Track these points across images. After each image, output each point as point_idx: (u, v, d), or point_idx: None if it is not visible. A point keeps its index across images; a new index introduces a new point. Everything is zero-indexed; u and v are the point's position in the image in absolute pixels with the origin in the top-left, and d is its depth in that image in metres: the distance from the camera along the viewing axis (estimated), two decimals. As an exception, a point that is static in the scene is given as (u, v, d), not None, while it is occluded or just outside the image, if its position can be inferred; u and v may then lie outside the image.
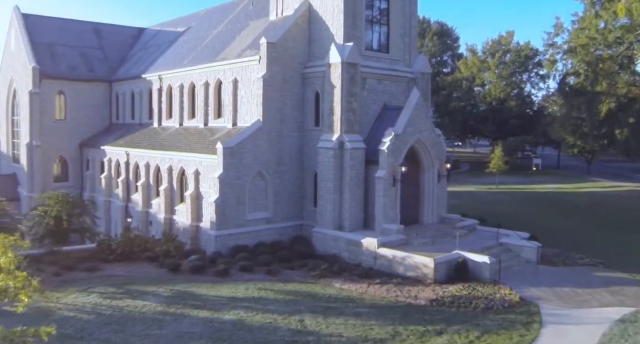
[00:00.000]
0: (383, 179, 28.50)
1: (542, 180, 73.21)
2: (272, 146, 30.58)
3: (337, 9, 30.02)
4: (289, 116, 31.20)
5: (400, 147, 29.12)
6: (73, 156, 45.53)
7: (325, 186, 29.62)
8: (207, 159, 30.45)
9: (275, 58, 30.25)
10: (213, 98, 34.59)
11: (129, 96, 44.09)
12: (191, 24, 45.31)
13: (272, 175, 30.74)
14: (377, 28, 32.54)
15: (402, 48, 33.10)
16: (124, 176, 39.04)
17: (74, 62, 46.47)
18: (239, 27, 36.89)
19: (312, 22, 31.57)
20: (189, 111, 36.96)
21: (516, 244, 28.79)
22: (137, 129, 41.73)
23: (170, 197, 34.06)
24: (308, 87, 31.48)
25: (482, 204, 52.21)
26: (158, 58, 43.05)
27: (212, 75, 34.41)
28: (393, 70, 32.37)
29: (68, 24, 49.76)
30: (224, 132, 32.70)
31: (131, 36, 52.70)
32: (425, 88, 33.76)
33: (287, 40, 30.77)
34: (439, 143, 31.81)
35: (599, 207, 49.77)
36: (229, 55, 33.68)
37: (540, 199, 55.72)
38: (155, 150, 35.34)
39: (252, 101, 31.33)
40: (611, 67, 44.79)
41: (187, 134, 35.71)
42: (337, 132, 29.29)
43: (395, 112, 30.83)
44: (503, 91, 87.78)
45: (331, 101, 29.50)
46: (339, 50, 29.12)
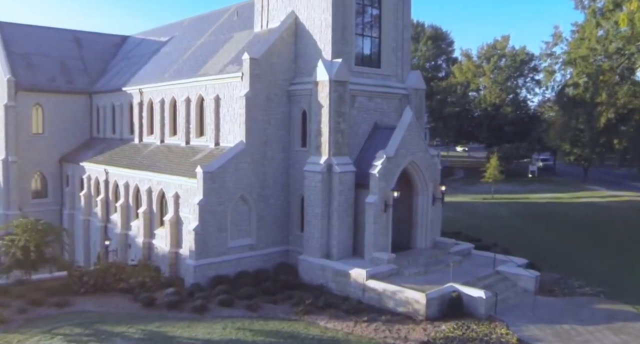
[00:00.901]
0: (373, 204, 26.77)
1: (538, 188, 71.64)
2: (256, 168, 28.80)
3: (324, 23, 28.25)
4: (274, 135, 29.42)
5: (392, 170, 27.40)
6: (52, 171, 43.57)
7: (312, 211, 27.86)
8: (186, 182, 28.65)
9: (259, 75, 28.47)
10: (195, 115, 32.78)
11: (109, 109, 42.20)
12: (175, 33, 43.45)
13: (255, 199, 28.96)
14: (368, 41, 30.82)
15: (394, 62, 31.38)
16: (103, 194, 37.17)
17: (52, 72, 44.47)
18: (222, 39, 35.07)
19: (298, 36, 29.79)
20: (170, 128, 35.13)
21: (513, 273, 27.19)
22: (118, 145, 39.85)
23: (149, 220, 32.25)
24: (294, 105, 29.72)
25: (477, 218, 50.64)
26: (139, 69, 41.18)
27: (194, 91, 32.61)
28: (384, 86, 30.63)
29: (46, 32, 47.72)
30: (205, 152, 30.90)
31: (113, 44, 50.73)
32: (419, 104, 32.05)
33: (271, 55, 28.98)
34: (433, 164, 30.13)
35: (597, 222, 48.19)
36: (210, 69, 31.87)
37: (536, 211, 54.11)
38: (135, 169, 33.49)
39: (234, 120, 29.54)
40: (611, 78, 43.25)
41: (168, 152, 33.89)
42: (325, 154, 27.53)
43: (387, 132, 29.11)
44: (498, 97, 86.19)
45: (318, 121, 27.73)
46: (327, 67, 27.35)
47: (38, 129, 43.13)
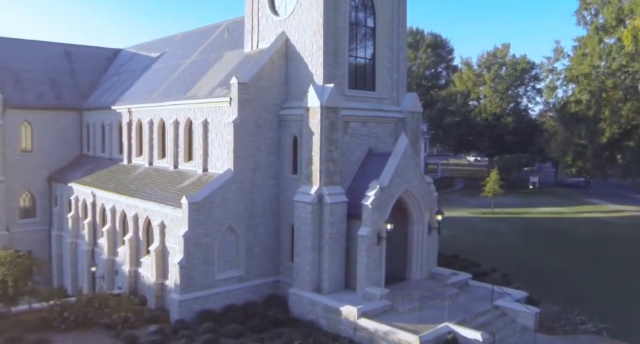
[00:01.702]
0: (366, 237, 25.62)
1: (539, 201, 70.61)
2: (244, 196, 27.67)
3: (316, 46, 27.13)
4: (263, 162, 28.30)
5: (385, 200, 26.25)
6: (40, 190, 42.48)
7: (302, 243, 26.72)
8: (172, 212, 27.54)
9: (248, 99, 27.35)
10: (183, 138, 31.68)
11: (99, 126, 41.12)
12: (166, 49, 42.35)
13: (244, 229, 27.83)
14: (362, 63, 29.69)
15: (389, 85, 30.25)
16: (90, 218, 36.09)
17: (41, 88, 43.41)
18: (213, 58, 33.98)
19: (289, 58, 28.68)
20: (159, 150, 34.05)
21: (512, 308, 26.01)
22: (107, 164, 38.76)
23: (135, 247, 31.13)
24: (285, 131, 28.60)
25: (476, 236, 49.54)
26: (130, 87, 40.10)
27: (182, 114, 31.52)
28: (379, 110, 29.51)
29: (36, 46, 46.63)
30: (193, 178, 29.79)
31: (104, 58, 49.65)
32: (415, 128, 30.91)
33: (260, 79, 27.87)
34: (430, 192, 28.97)
35: (600, 241, 47.11)
36: (199, 92, 30.77)
37: (537, 228, 53.03)
38: (121, 194, 32.39)
39: (222, 146, 28.42)
40: (615, 96, 42.10)
41: (156, 175, 32.79)
42: (316, 184, 26.39)
43: (381, 159, 27.97)
44: (498, 106, 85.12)
45: (309, 148, 26.60)
46: (318, 92, 26.22)
47: (26, 147, 42.07)
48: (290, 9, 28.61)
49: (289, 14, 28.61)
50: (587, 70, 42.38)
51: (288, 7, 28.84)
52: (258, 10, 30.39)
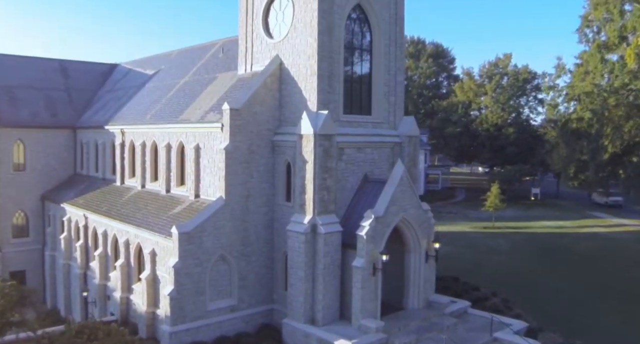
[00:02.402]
0: (361, 268, 24.93)
1: (541, 214, 69.82)
2: (236, 225, 27.02)
3: (309, 70, 26.51)
4: (256, 189, 27.65)
5: (381, 230, 25.56)
6: (33, 209, 41.91)
7: (295, 273, 26.05)
8: (163, 241, 26.89)
9: (240, 126, 26.73)
10: (175, 162, 31.08)
11: (92, 145, 40.55)
12: (161, 66, 41.78)
13: (236, 257, 27.18)
14: (358, 87, 29.03)
15: (386, 108, 29.62)
16: (82, 240, 35.50)
17: (36, 106, 42.86)
18: (206, 79, 33.38)
19: (283, 82, 28.07)
20: (151, 173, 33.45)
21: (512, 341, 25.25)
22: (100, 185, 38.19)
23: (127, 273, 30.49)
24: (278, 157, 27.96)
25: (477, 254, 48.75)
26: (123, 105, 39.54)
27: (174, 137, 30.92)
28: (375, 135, 28.87)
29: (31, 62, 46.10)
30: (184, 204, 29.16)
31: (101, 73, 49.12)
32: (412, 153, 30.25)
33: (253, 104, 27.25)
34: (427, 220, 28.24)
35: (602, 259, 46.27)
36: (191, 115, 30.17)
37: (538, 245, 52.21)
38: (113, 219, 31.77)
39: (214, 172, 27.80)
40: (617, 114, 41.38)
41: (148, 199, 32.17)
42: (309, 213, 25.73)
43: (377, 186, 27.33)
44: (500, 117, 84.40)
45: (302, 176, 25.97)
46: (311, 119, 25.59)
47: (19, 166, 41.51)
48: (284, 32, 28.02)
49: (283, 37, 28.02)
50: (589, 88, 41.72)
51: (282, 30, 28.24)
52: (252, 32, 29.80)
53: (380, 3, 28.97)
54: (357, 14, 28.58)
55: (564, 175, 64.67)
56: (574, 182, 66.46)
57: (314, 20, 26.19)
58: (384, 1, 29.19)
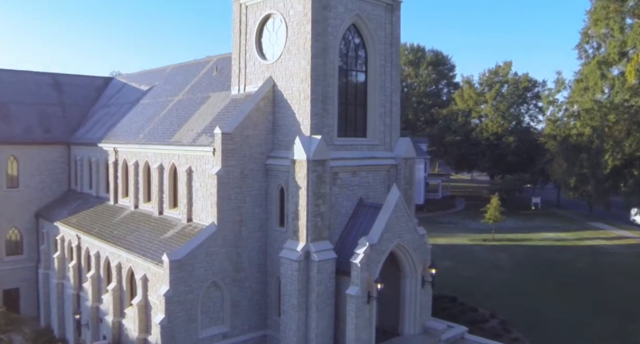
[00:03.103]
0: (355, 297, 24.44)
1: (541, 225, 69.26)
2: (229, 251, 26.55)
3: (303, 94, 26.04)
4: (249, 213, 27.18)
5: (376, 258, 25.08)
6: (27, 226, 41.43)
7: (288, 301, 25.56)
8: (154, 267, 26.41)
9: (232, 150, 26.26)
10: (168, 184, 30.62)
11: (86, 162, 40.09)
12: (155, 82, 41.33)
13: (229, 284, 26.69)
14: (353, 108, 28.55)
15: (381, 130, 29.14)
16: (75, 261, 35.03)
17: (30, 122, 42.41)
18: (200, 98, 32.93)
19: (276, 105, 27.61)
20: (144, 193, 32.97)
21: (510, 371, 24.74)
22: (93, 203, 37.74)
23: (119, 297, 30.01)
24: (271, 181, 27.49)
25: (476, 269, 48.25)
26: (117, 122, 39.08)
27: (167, 159, 30.47)
28: (370, 158, 28.38)
29: (25, 76, 45.57)
30: (177, 228, 28.69)
31: (95, 88, 48.66)
32: (409, 175, 29.77)
33: (246, 127, 26.79)
34: (423, 244, 27.76)
35: (602, 276, 45.71)
36: (183, 137, 29.71)
37: (538, 259, 51.71)
38: (105, 241, 31.32)
39: (206, 197, 27.33)
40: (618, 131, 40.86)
41: (140, 221, 31.71)
42: (302, 240, 25.26)
43: (372, 211, 26.87)
44: (500, 126, 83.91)
45: (295, 202, 25.49)
46: (304, 145, 25.12)
47: (13, 183, 41.02)
48: (277, 53, 27.56)
49: (276, 59, 27.56)
50: (589, 105, 41.23)
51: (275, 52, 27.79)
52: (245, 53, 29.35)
53: (375, 23, 28.53)
54: (351, 34, 28.15)
55: (564, 186, 64.24)
56: (574, 193, 66.17)
57: (307, 43, 25.73)
58: (379, 21, 28.74)
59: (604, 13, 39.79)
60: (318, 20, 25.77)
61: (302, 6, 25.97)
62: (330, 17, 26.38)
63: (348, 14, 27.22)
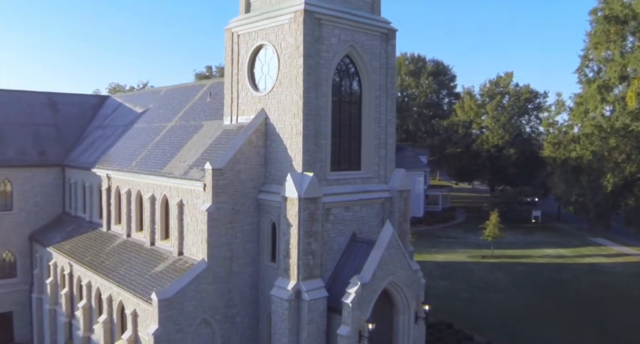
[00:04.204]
0: (346, 337, 24.01)
1: (541, 240, 68.80)
2: (220, 287, 26.15)
3: (295, 129, 25.64)
4: (240, 249, 26.78)
5: (367, 297, 24.65)
6: (21, 249, 41.12)
7: (279, 340, 25.14)
8: (143, 304, 26.05)
9: (223, 186, 25.88)
10: (159, 215, 30.27)
11: (80, 186, 39.77)
12: (149, 105, 40.99)
13: (219, 320, 26.29)
14: (346, 141, 28.11)
15: (376, 162, 28.73)
16: (67, 288, 34.76)
17: (24, 144, 42.06)
18: (192, 126, 32.58)
19: (268, 138, 27.22)
20: (137, 222, 32.62)
21: None
22: (87, 228, 37.44)
23: (109, 330, 29.69)
24: (263, 215, 27.09)
25: (473, 290, 47.84)
26: (111, 146, 38.75)
27: (158, 190, 30.12)
28: (364, 192, 27.94)
29: (20, 96, 45.21)
30: (168, 262, 28.33)
31: (91, 106, 48.35)
32: (404, 208, 29.34)
33: (237, 162, 26.40)
34: (417, 280, 27.36)
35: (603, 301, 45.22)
36: (175, 168, 29.35)
37: (537, 279, 51.28)
38: (96, 272, 30.98)
39: (197, 232, 26.97)
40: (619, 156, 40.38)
41: (132, 251, 31.37)
42: (294, 278, 24.85)
43: (365, 247, 26.45)
44: (501, 138, 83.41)
45: (287, 240, 25.09)
46: (296, 182, 24.71)
47: (7, 206, 40.72)
48: (269, 85, 27.17)
49: (268, 91, 27.17)
50: (589, 130, 40.79)
51: (268, 84, 27.41)
52: (238, 83, 28.98)
53: (370, 53, 28.14)
54: (345, 65, 27.75)
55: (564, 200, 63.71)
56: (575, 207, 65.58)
57: (299, 77, 25.32)
58: (374, 51, 28.35)
59: (604, 37, 39.33)
60: (310, 54, 25.36)
61: (294, 39, 25.58)
62: (323, 50, 25.98)
63: (342, 45, 26.82)
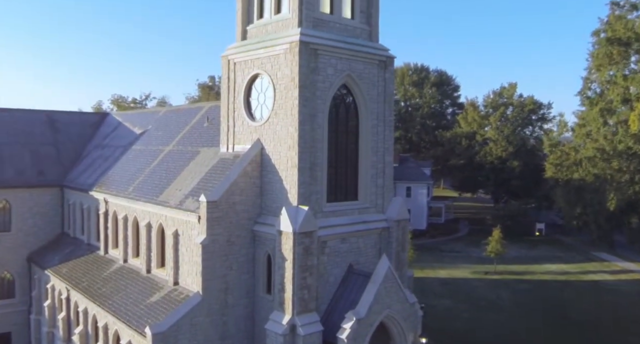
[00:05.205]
0: (342, 373, 23.76)
1: (544, 255, 68.26)
2: (214, 320, 25.92)
3: (290, 162, 25.38)
4: (236, 280, 26.54)
5: (363, 331, 24.41)
6: (20, 270, 41.03)
7: (274, 376, 24.89)
8: (138, 337, 25.85)
9: (218, 218, 25.65)
10: (155, 243, 30.08)
11: (78, 208, 39.68)
12: (148, 126, 40.85)
13: (214, 354, 26.05)
14: (343, 171, 27.84)
15: (373, 191, 28.44)
16: (64, 313, 34.63)
17: (23, 164, 41.97)
18: (189, 152, 32.38)
19: (264, 169, 26.98)
20: (133, 248, 32.50)
21: None
22: (84, 251, 37.33)
23: (104, 360, 29.51)
24: (259, 247, 26.85)
25: (474, 311, 47.43)
26: (109, 168, 38.63)
27: (154, 218, 29.94)
28: (361, 222, 27.66)
29: (19, 116, 45.12)
30: (163, 291, 28.12)
31: (90, 124, 48.28)
32: (401, 238, 29.05)
33: (232, 194, 26.17)
34: (413, 313, 27.03)
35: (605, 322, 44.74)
36: (171, 197, 29.15)
37: (539, 299, 50.82)
38: (93, 299, 30.82)
39: (192, 263, 26.73)
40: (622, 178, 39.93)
41: (128, 279, 31.19)
42: (288, 313, 24.58)
43: (361, 279, 26.18)
44: (504, 150, 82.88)
45: (282, 274, 24.83)
46: (291, 216, 24.45)
47: (5, 227, 40.65)
48: (265, 115, 26.95)
49: (264, 121, 26.94)
50: (591, 153, 40.37)
51: (264, 113, 27.18)
52: (234, 111, 28.78)
53: (367, 82, 27.88)
54: (342, 94, 27.48)
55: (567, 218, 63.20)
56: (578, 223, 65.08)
57: (294, 109, 25.08)
58: (371, 79, 28.09)
59: (607, 59, 38.94)
60: (306, 85, 25.13)
61: (290, 70, 25.36)
62: (319, 81, 25.74)
63: (338, 75, 26.57)
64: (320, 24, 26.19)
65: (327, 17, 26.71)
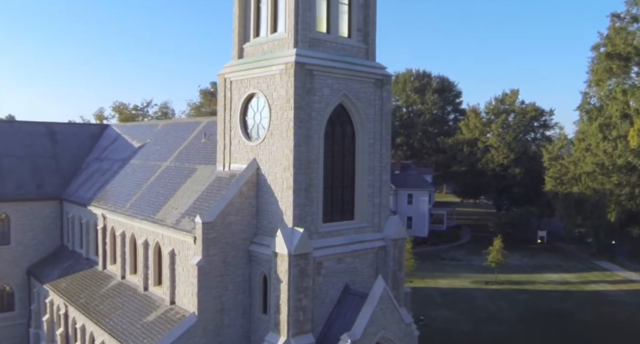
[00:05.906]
0: (337, 396, 23.71)
1: (546, 263, 68.04)
2: (210, 341, 25.90)
3: (285, 183, 25.34)
4: (231, 301, 26.51)
5: (358, 354, 24.30)
6: (19, 283, 41.09)
7: (269, 397, 24.88)
8: (133, 357, 25.89)
9: (214, 239, 25.63)
10: (152, 261, 30.12)
11: (77, 222, 39.74)
12: (146, 140, 40.87)
13: (210, 375, 26.04)
14: (339, 191, 27.78)
15: (370, 211, 28.36)
16: (62, 329, 34.66)
17: (22, 177, 42.02)
18: (186, 169, 32.38)
19: (260, 189, 26.93)
20: (131, 265, 32.54)
21: None
22: (83, 265, 37.39)
23: (102, 377, 29.51)
24: (255, 267, 26.82)
25: (474, 323, 47.29)
26: (108, 182, 38.69)
27: (151, 236, 29.97)
28: (358, 242, 27.58)
29: (19, 127, 45.25)
30: (159, 311, 28.13)
31: (90, 136, 48.29)
32: (398, 256, 28.96)
33: (228, 214, 26.14)
34: (410, 333, 26.92)
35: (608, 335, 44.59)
36: (167, 216, 29.16)
37: (540, 310, 50.65)
38: (90, 317, 30.89)
39: (188, 283, 26.75)
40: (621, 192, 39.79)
41: (125, 296, 31.22)
42: (284, 334, 24.54)
43: (357, 300, 26.09)
44: (506, 157, 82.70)
45: (277, 296, 24.79)
46: (286, 238, 24.41)
47: (4, 240, 40.71)
48: (261, 135, 26.90)
49: (260, 141, 26.89)
50: (590, 168, 40.23)
51: (260, 133, 27.13)
52: (230, 130, 28.76)
53: (364, 101, 27.80)
54: (338, 114, 27.38)
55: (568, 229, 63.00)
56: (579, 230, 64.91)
57: (289, 130, 25.02)
58: (368, 98, 28.01)
59: (606, 74, 38.83)
60: (301, 107, 25.07)
61: (285, 91, 25.30)
62: (314, 102, 25.67)
63: (334, 95, 26.50)
64: (316, 44, 26.13)
65: (324, 36, 26.64)
